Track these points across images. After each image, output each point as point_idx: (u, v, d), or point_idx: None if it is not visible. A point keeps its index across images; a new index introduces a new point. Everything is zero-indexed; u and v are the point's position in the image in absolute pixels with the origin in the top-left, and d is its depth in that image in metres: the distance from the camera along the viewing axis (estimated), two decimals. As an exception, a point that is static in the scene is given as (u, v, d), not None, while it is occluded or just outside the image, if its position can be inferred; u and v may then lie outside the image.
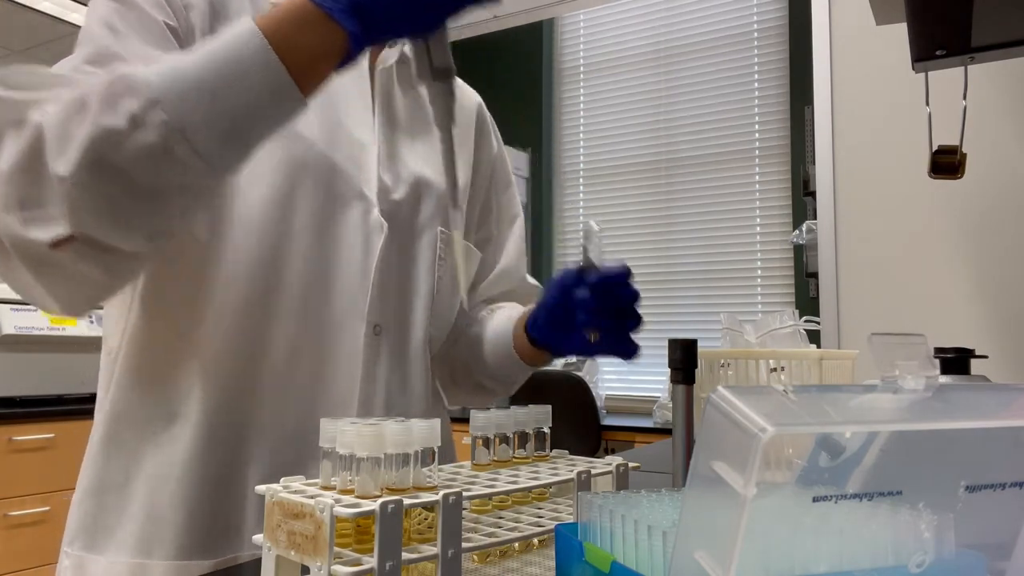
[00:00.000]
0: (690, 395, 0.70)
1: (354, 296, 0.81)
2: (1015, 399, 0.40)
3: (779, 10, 3.73)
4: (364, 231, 0.82)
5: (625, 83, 4.11)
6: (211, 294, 0.75)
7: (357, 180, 0.82)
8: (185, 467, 0.74)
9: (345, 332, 0.80)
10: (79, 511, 0.78)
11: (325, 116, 0.81)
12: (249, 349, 0.76)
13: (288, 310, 0.77)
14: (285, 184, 0.77)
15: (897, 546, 0.36)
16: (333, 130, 0.81)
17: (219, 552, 0.74)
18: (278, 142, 0.77)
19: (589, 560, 0.46)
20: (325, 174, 0.80)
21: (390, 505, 0.48)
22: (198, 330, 0.75)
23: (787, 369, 0.91)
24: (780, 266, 3.66)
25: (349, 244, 0.81)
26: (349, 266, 0.81)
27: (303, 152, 0.78)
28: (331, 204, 0.80)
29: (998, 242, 1.67)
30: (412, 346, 0.87)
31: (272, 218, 0.77)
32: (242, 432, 0.76)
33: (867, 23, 1.56)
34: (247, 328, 0.76)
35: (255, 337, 0.76)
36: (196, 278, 0.76)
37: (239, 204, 0.76)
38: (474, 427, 0.67)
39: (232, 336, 0.75)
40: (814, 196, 1.96)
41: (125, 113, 0.56)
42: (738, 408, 0.33)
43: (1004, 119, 1.67)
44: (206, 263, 0.76)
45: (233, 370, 0.75)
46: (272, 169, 0.77)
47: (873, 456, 0.37)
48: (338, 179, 0.80)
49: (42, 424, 2.51)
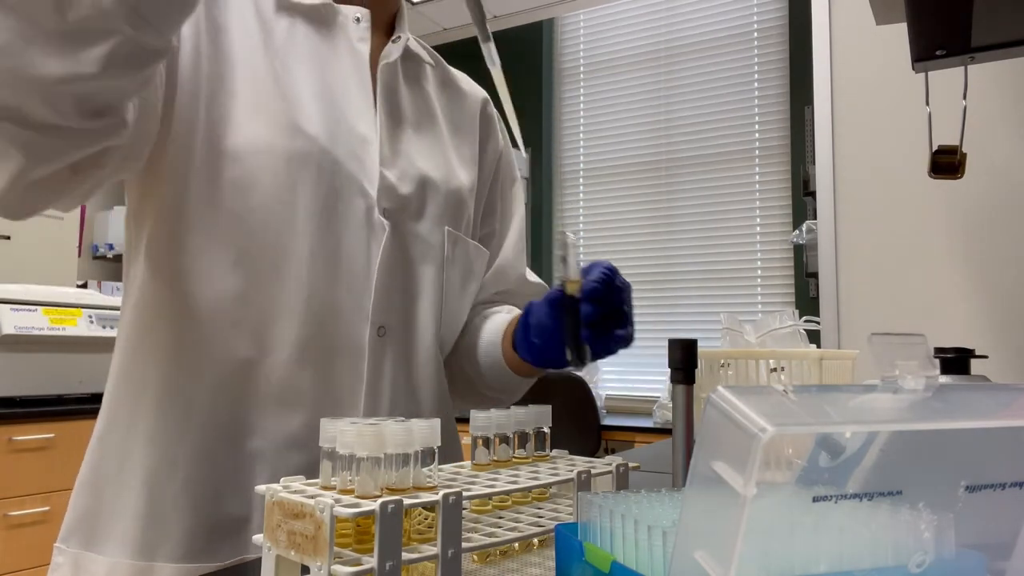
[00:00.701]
0: (690, 395, 0.70)
1: (358, 295, 0.80)
2: (1015, 399, 0.40)
3: (779, 10, 3.73)
4: (367, 230, 0.81)
5: (625, 83, 4.11)
6: (212, 289, 0.75)
7: (359, 177, 0.80)
8: (189, 467, 0.73)
9: (351, 331, 0.79)
10: (77, 505, 0.77)
11: (326, 110, 0.80)
12: (254, 345, 0.75)
13: (292, 308, 0.76)
14: (287, 178, 0.76)
15: (897, 546, 0.36)
16: (334, 124, 0.80)
17: (225, 555, 0.73)
18: (278, 135, 0.76)
19: (589, 560, 0.46)
20: (327, 170, 0.78)
21: (390, 505, 0.48)
22: (201, 327, 0.75)
23: (787, 369, 0.91)
24: (780, 266, 3.66)
25: (352, 242, 0.80)
26: (353, 265, 0.80)
27: (305, 146, 0.77)
28: (333, 201, 0.79)
29: (998, 242, 1.67)
30: (420, 349, 0.86)
31: (274, 212, 0.76)
32: (247, 432, 0.75)
33: (867, 23, 1.56)
34: (251, 324, 0.75)
35: (259, 335, 0.75)
36: (196, 274, 0.75)
37: (238, 197, 0.75)
38: (474, 427, 0.67)
39: (235, 333, 0.75)
40: (814, 196, 1.96)
41: None
42: (738, 408, 0.33)
43: (1004, 119, 1.67)
44: (207, 258, 0.75)
45: (236, 369, 0.75)
46: (272, 163, 0.76)
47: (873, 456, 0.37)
48: (340, 175, 0.79)
49: (42, 424, 2.51)
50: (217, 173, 0.75)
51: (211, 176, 0.75)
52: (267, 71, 0.79)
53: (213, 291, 0.75)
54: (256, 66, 0.78)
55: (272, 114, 0.77)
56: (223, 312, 0.75)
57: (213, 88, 0.76)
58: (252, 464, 0.75)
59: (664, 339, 0.72)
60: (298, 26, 0.83)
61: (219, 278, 0.75)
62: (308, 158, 0.77)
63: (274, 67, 0.79)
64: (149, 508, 0.73)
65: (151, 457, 0.74)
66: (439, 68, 0.99)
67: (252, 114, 0.76)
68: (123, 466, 0.75)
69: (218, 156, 0.75)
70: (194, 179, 0.75)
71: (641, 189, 4.01)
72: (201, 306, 0.75)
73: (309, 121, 0.78)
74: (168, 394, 0.75)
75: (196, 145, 0.75)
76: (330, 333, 0.78)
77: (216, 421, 0.74)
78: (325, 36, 0.85)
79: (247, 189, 0.75)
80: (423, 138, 0.90)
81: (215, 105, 0.76)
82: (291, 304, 0.76)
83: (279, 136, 0.77)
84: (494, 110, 1.05)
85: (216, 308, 0.75)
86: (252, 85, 0.77)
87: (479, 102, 1.02)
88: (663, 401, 3.46)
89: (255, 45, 0.79)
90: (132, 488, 0.74)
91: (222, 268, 0.75)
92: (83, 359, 2.64)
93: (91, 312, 2.71)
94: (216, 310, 0.75)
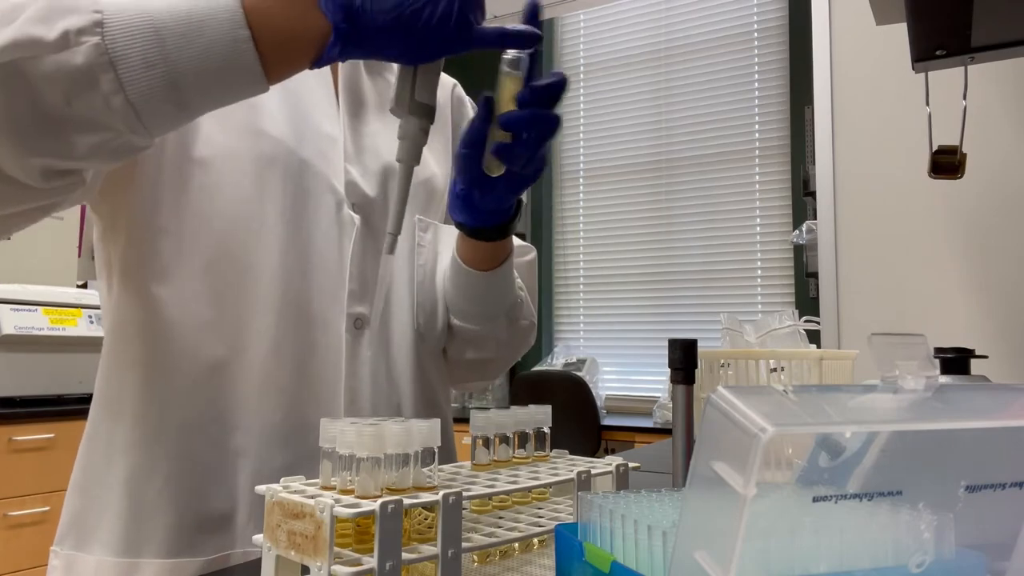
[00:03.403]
0: (690, 395, 0.70)
1: (332, 289, 0.80)
2: (1015, 399, 0.40)
3: (779, 10, 3.73)
4: (337, 225, 0.81)
5: (625, 83, 4.12)
6: (185, 289, 0.75)
7: (327, 175, 0.81)
8: (171, 463, 0.74)
9: (327, 325, 0.80)
10: (68, 508, 0.78)
11: (290, 111, 0.80)
12: (228, 344, 0.76)
13: (266, 305, 0.77)
14: (255, 181, 0.77)
15: (897, 546, 0.36)
16: (300, 125, 0.80)
17: (210, 549, 0.74)
18: (243, 140, 0.77)
19: (589, 560, 0.46)
20: (294, 170, 0.79)
21: (390, 505, 0.48)
22: (173, 330, 0.75)
23: (787, 369, 0.91)
24: (780, 266, 3.66)
25: (323, 238, 0.80)
26: (325, 260, 0.80)
27: (271, 149, 0.78)
28: (302, 199, 0.79)
29: (998, 242, 1.67)
30: (396, 338, 0.86)
31: (242, 215, 0.76)
32: (227, 427, 0.75)
33: (867, 23, 1.56)
34: (225, 323, 0.76)
35: (234, 332, 0.76)
36: (168, 280, 0.75)
37: (206, 202, 0.76)
38: (474, 427, 0.67)
39: (209, 335, 0.75)
40: (814, 196, 1.96)
41: (60, 28, 0.53)
42: (738, 408, 0.33)
43: (1004, 119, 1.67)
44: (178, 259, 0.75)
45: (211, 368, 0.75)
46: (239, 167, 0.76)
47: (873, 456, 0.37)
48: (307, 174, 0.80)
49: (42, 424, 2.51)
50: (185, 181, 0.76)
51: (180, 184, 0.76)
52: None
53: (184, 295, 0.75)
54: None
55: (236, 119, 0.77)
56: (196, 315, 0.75)
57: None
58: (234, 459, 0.75)
59: (664, 339, 0.72)
60: None
61: (190, 281, 0.76)
62: (274, 160, 0.78)
63: None
64: (131, 507, 0.74)
65: (131, 457, 0.75)
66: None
67: (217, 121, 0.76)
68: (107, 468, 0.76)
69: (186, 163, 0.76)
70: (163, 190, 0.76)
71: (641, 189, 4.01)
72: (173, 311, 0.75)
73: (273, 123, 0.78)
74: (145, 396, 0.75)
75: (165, 158, 0.76)
76: (306, 328, 0.79)
77: (193, 419, 0.75)
78: None
79: (215, 194, 0.76)
80: (389, 129, 0.88)
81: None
82: (265, 302, 0.77)
83: (244, 140, 0.77)
84: (463, 93, 1.03)
85: (188, 311, 0.75)
86: None
87: (448, 88, 1.01)
88: (663, 401, 3.46)
89: None
90: (114, 489, 0.75)
91: (192, 272, 0.76)
92: (83, 359, 2.64)
93: (91, 312, 2.71)
94: (188, 313, 0.75)
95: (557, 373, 3.65)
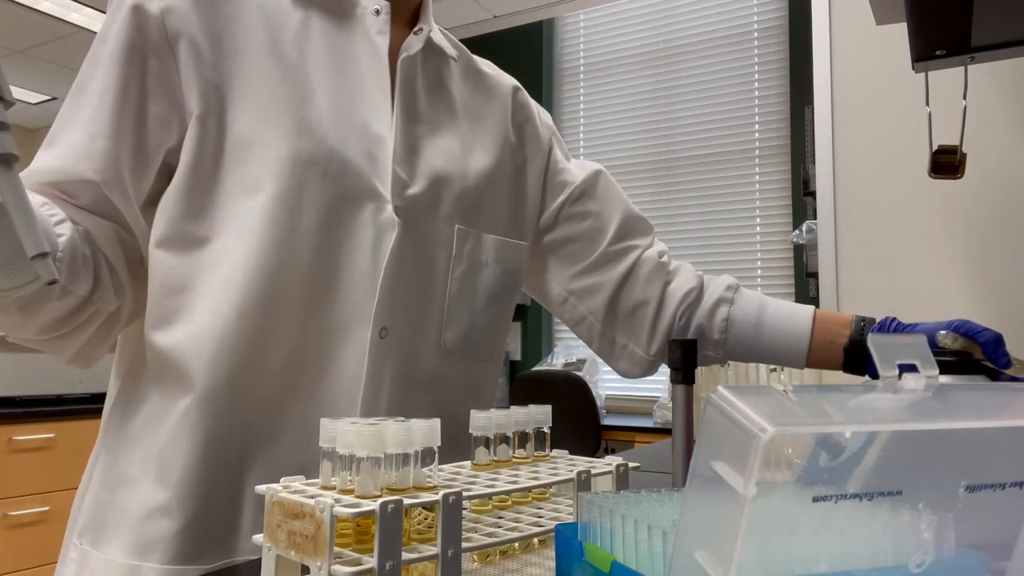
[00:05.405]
0: (690, 395, 0.70)
1: (360, 299, 0.78)
2: (1015, 399, 0.40)
3: (779, 10, 3.73)
4: (375, 229, 0.78)
5: (625, 83, 4.12)
6: (208, 297, 0.74)
7: (370, 176, 0.78)
8: (184, 470, 0.72)
9: (349, 336, 0.77)
10: (93, 503, 0.77)
11: (339, 108, 0.78)
12: (247, 354, 0.74)
13: (289, 315, 0.75)
14: (292, 183, 0.74)
15: (897, 546, 0.36)
16: (347, 123, 0.78)
17: (214, 558, 0.73)
18: (284, 138, 0.75)
19: (589, 560, 0.46)
20: (335, 171, 0.76)
21: (390, 505, 0.48)
22: (196, 334, 0.74)
23: (787, 369, 0.91)
24: (780, 266, 3.66)
25: (358, 244, 0.78)
26: (357, 268, 0.78)
27: (311, 148, 0.75)
28: (341, 202, 0.77)
29: (998, 242, 1.67)
30: (422, 349, 0.83)
31: (276, 220, 0.74)
32: (242, 438, 0.74)
33: (867, 23, 1.56)
34: (245, 332, 0.73)
35: (253, 342, 0.74)
36: (194, 280, 0.74)
37: (239, 206, 0.74)
38: (474, 427, 0.67)
39: (230, 340, 0.73)
40: (814, 196, 1.96)
41: None
42: (738, 408, 0.33)
43: (1004, 119, 1.67)
44: (204, 265, 0.74)
45: (231, 375, 0.73)
46: (277, 167, 0.74)
47: (873, 456, 0.37)
48: (349, 176, 0.77)
49: (42, 424, 2.50)
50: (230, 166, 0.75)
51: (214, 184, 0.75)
52: (275, 68, 0.77)
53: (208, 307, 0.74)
54: (262, 63, 0.76)
55: (277, 113, 0.75)
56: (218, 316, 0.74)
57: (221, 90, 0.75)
58: (247, 468, 0.74)
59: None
60: (313, 19, 0.81)
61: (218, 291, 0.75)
62: (314, 160, 0.75)
63: (283, 63, 0.77)
64: (147, 511, 0.73)
65: (145, 462, 0.74)
66: (463, 59, 0.96)
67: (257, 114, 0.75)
68: (125, 470, 0.75)
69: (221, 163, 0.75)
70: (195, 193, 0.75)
71: (641, 189, 4.01)
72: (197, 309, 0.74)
73: (319, 118, 0.76)
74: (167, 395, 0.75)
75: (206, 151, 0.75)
76: (329, 338, 0.77)
77: (210, 425, 0.73)
78: (342, 29, 0.82)
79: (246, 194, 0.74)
80: (440, 135, 0.87)
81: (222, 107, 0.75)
82: (289, 311, 0.75)
83: (284, 136, 0.75)
84: (526, 96, 1.03)
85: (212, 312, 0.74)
86: (257, 84, 0.76)
87: (508, 90, 1.00)
88: (663, 401, 3.46)
89: (263, 40, 0.77)
90: (132, 490, 0.74)
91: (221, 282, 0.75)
92: (83, 359, 2.64)
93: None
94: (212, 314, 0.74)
95: (557, 373, 3.65)
